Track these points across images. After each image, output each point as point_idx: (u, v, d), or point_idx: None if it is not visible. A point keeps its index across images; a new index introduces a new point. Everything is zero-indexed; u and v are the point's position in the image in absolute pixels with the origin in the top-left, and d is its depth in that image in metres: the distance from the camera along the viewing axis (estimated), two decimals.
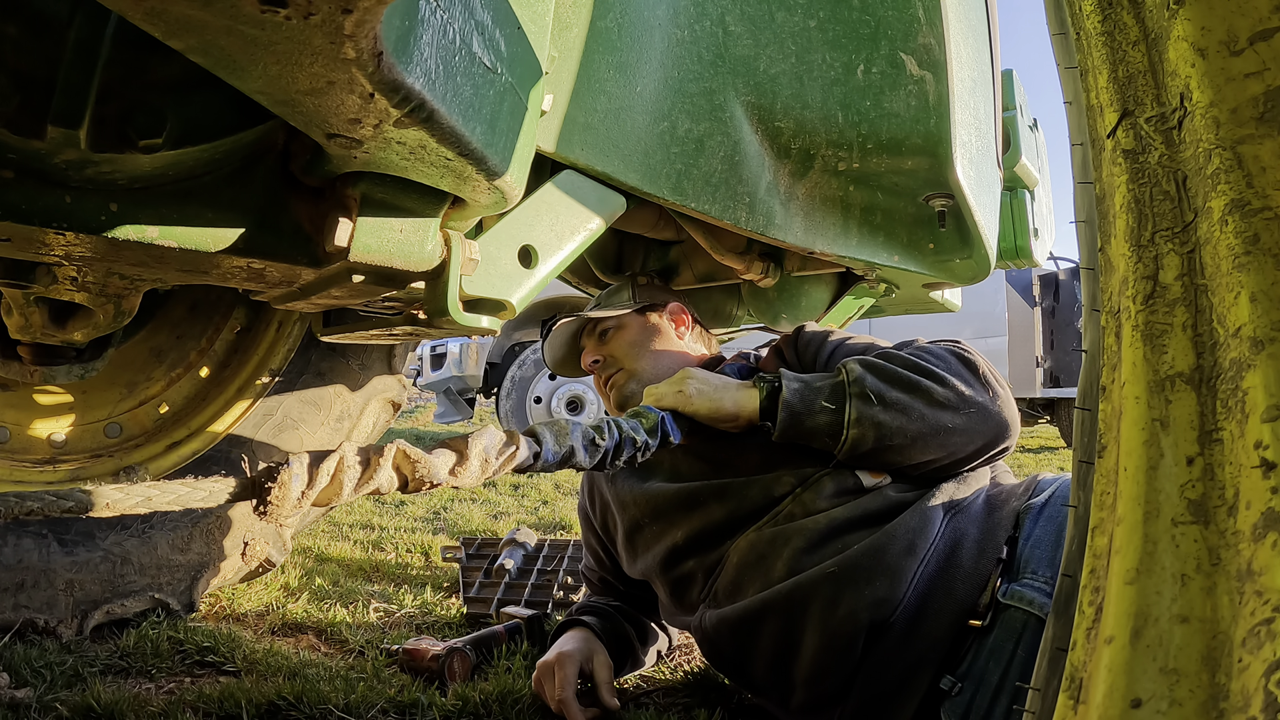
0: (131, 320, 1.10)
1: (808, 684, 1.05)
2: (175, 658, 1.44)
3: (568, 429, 0.93)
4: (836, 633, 1.01)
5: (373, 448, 0.75)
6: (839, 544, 1.07)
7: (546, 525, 2.94)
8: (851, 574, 1.02)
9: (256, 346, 1.75)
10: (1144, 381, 0.46)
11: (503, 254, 0.98)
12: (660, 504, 1.26)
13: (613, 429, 0.99)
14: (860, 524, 1.08)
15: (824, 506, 1.11)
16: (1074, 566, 0.51)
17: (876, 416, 1.07)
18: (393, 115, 0.56)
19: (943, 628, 0.99)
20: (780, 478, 1.16)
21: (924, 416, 1.07)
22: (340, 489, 0.72)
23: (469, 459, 0.80)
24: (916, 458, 1.09)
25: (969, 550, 1.03)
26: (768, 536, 1.12)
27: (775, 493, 1.15)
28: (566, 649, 1.29)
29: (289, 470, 0.67)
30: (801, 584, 1.05)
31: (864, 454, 1.10)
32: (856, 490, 1.13)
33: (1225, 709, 0.37)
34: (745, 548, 1.14)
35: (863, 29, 1.35)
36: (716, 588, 1.17)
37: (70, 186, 0.66)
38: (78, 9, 0.56)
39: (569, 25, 1.00)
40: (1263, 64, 0.43)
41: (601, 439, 0.96)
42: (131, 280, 1.01)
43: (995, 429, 1.09)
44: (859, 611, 1.00)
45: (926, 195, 1.47)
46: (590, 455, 0.95)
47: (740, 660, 1.13)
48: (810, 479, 1.14)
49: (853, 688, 1.02)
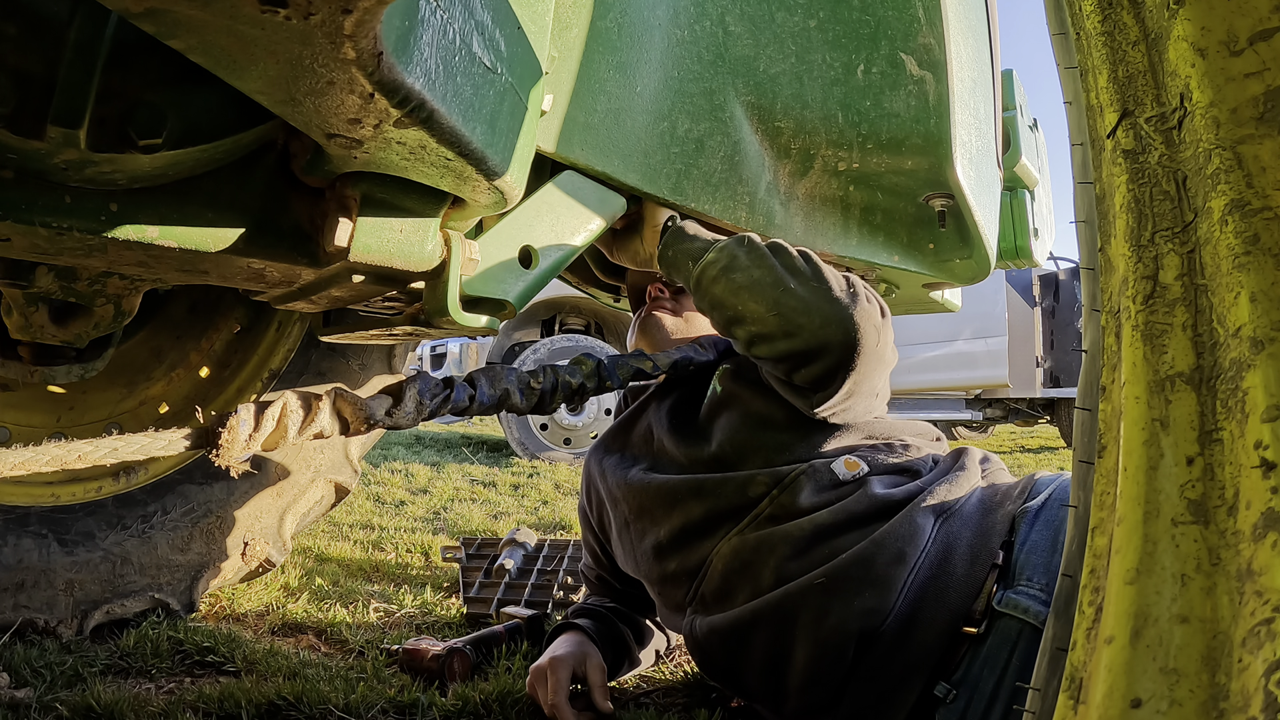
0: (131, 320, 1.10)
1: (799, 692, 1.04)
2: (175, 658, 1.44)
3: (503, 374, 0.96)
4: (826, 643, 1.00)
5: (313, 394, 0.80)
6: (826, 549, 1.06)
7: (546, 525, 2.94)
8: (840, 584, 1.02)
9: (256, 346, 1.75)
10: (1144, 381, 0.46)
11: (503, 254, 0.98)
12: (644, 500, 1.27)
13: (548, 373, 1.03)
14: (846, 527, 1.07)
15: (805, 509, 1.10)
16: (1074, 566, 0.51)
17: (734, 250, 1.14)
18: (393, 115, 0.56)
19: (935, 635, 0.98)
20: (754, 478, 1.15)
21: (773, 267, 1.11)
22: (285, 432, 0.77)
23: (404, 400, 0.85)
24: (749, 306, 1.11)
25: (962, 556, 1.02)
26: (752, 543, 1.11)
27: (750, 493, 1.15)
28: (560, 653, 1.29)
29: (237, 417, 0.73)
30: (791, 594, 1.04)
31: (710, 287, 1.14)
32: (834, 485, 1.12)
33: (1225, 709, 0.37)
34: (729, 554, 1.13)
35: (863, 29, 1.35)
36: (703, 592, 1.17)
37: (70, 186, 0.66)
38: (78, 9, 0.56)
39: (569, 25, 1.00)
40: (1263, 64, 0.43)
41: (537, 382, 1.00)
42: (131, 280, 1.01)
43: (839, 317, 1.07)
44: (848, 621, 0.99)
45: (926, 195, 1.47)
46: (526, 398, 0.98)
47: (731, 668, 1.13)
48: (785, 479, 1.14)
49: (845, 695, 1.02)
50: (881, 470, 1.15)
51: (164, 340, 1.71)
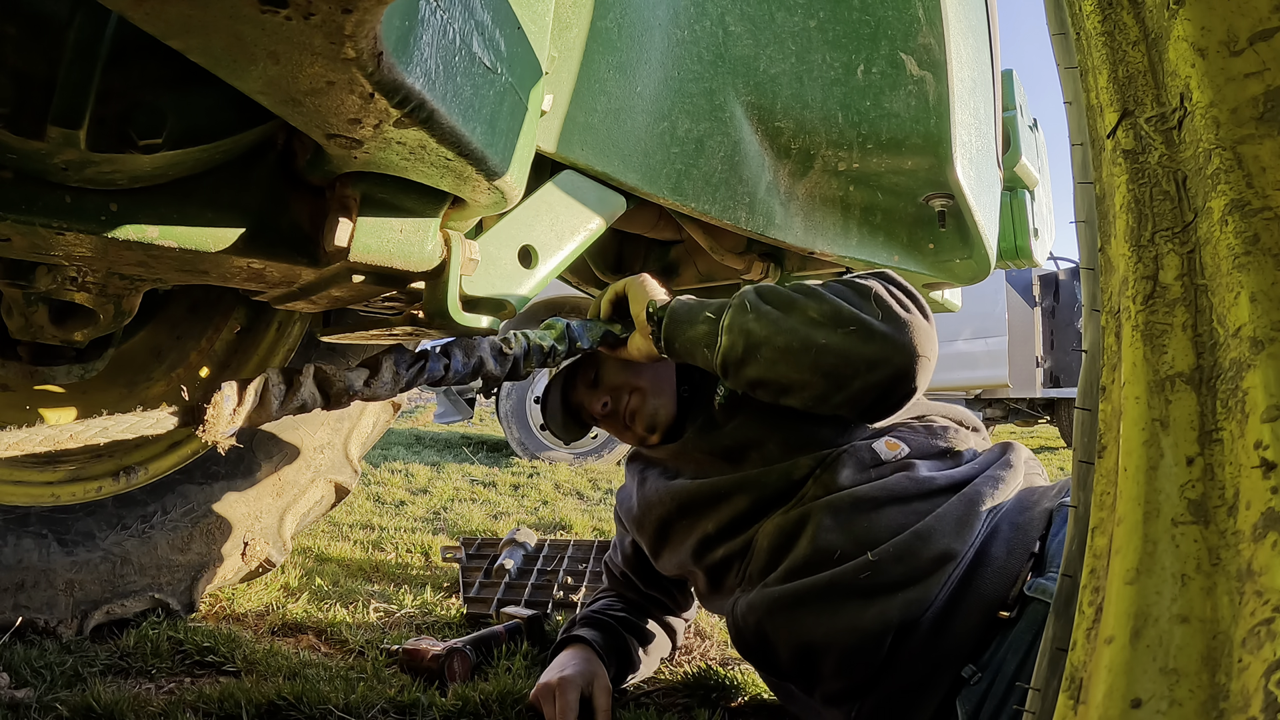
0: (131, 320, 1.10)
1: (833, 676, 1.06)
2: (175, 658, 1.44)
3: (476, 343, 0.97)
4: (866, 631, 1.02)
5: (294, 370, 0.83)
6: (864, 521, 1.07)
7: (546, 525, 2.94)
8: (884, 575, 1.03)
9: (256, 346, 1.75)
10: (1144, 381, 0.46)
11: (503, 254, 0.98)
12: (686, 500, 1.27)
13: (520, 338, 1.04)
14: (885, 502, 1.09)
15: (846, 485, 1.12)
16: (1074, 566, 0.51)
17: (748, 324, 1.07)
18: (393, 115, 0.56)
19: (972, 624, 0.99)
20: (798, 462, 1.17)
21: (794, 330, 1.05)
22: (269, 407, 0.79)
23: (381, 371, 0.87)
24: (791, 376, 1.05)
25: (1000, 548, 1.04)
26: (794, 518, 1.13)
27: (794, 476, 1.16)
28: (569, 674, 1.28)
29: (221, 393, 0.76)
30: (834, 580, 1.06)
31: (740, 371, 1.09)
32: (875, 464, 1.14)
33: (1225, 709, 0.37)
34: (773, 531, 1.15)
35: (863, 29, 1.35)
36: (750, 571, 1.18)
37: (70, 186, 0.66)
38: (78, 9, 0.56)
39: (569, 25, 1.00)
40: (1263, 64, 0.43)
41: (509, 349, 1.00)
42: (131, 280, 1.01)
43: (884, 351, 1.02)
44: (889, 612, 1.01)
45: (926, 195, 1.47)
46: (500, 364, 0.98)
47: (765, 648, 1.15)
48: (828, 459, 1.15)
49: (879, 680, 1.03)
50: (923, 454, 1.17)
51: (164, 340, 1.71)
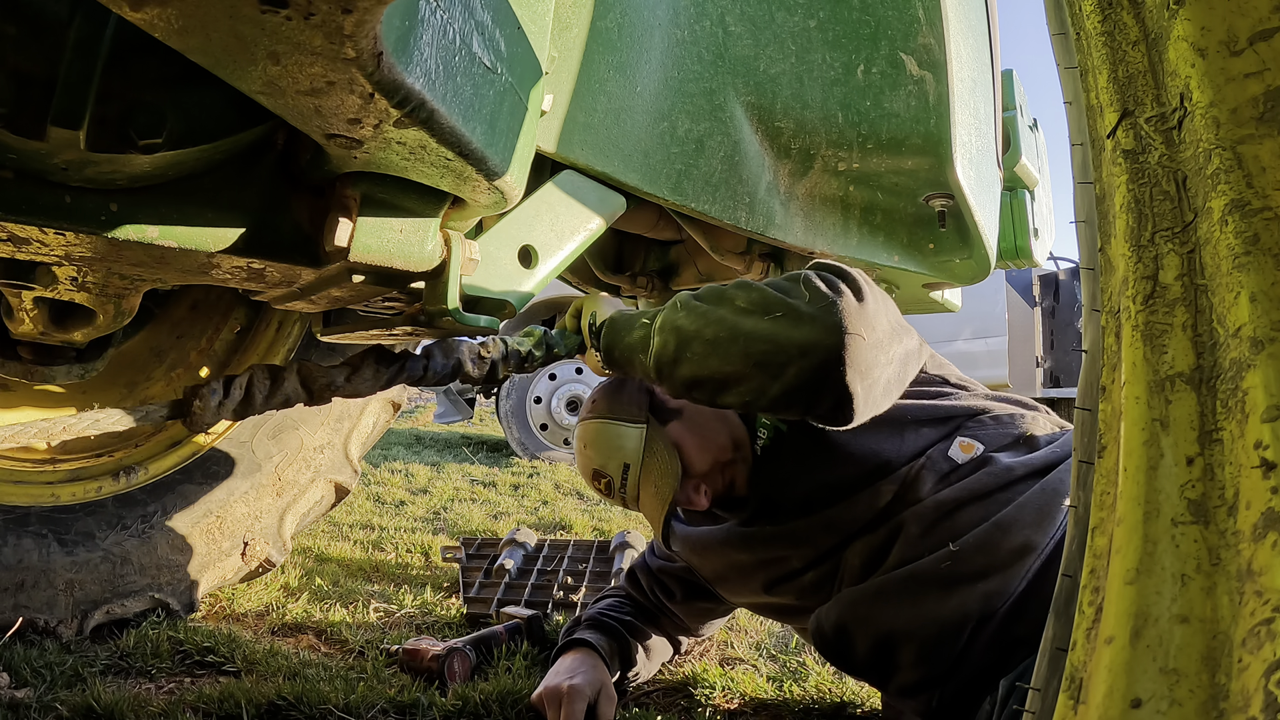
0: (131, 320, 1.10)
1: (911, 668, 1.08)
2: (175, 658, 1.45)
3: (455, 345, 1.00)
4: (946, 622, 1.04)
5: (278, 366, 0.86)
6: (947, 524, 1.09)
7: (546, 525, 2.94)
8: (965, 565, 1.04)
9: (256, 346, 1.75)
10: (1144, 381, 0.46)
11: (503, 254, 0.99)
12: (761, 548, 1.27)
13: (498, 343, 1.06)
14: (967, 501, 1.10)
15: (928, 494, 1.13)
16: (1074, 566, 0.51)
17: (678, 321, 1.01)
18: (393, 115, 0.56)
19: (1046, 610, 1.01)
20: (879, 489, 1.16)
21: (723, 320, 0.98)
22: (254, 401, 0.82)
23: (363, 369, 0.91)
24: (724, 370, 0.98)
25: None
26: (882, 535, 1.14)
27: (879, 504, 1.17)
28: (578, 682, 1.26)
29: (208, 388, 0.79)
30: (916, 575, 1.07)
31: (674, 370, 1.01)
32: (953, 469, 1.14)
33: (1225, 709, 0.37)
34: (862, 549, 1.16)
35: (863, 29, 1.35)
36: (840, 588, 1.19)
37: (70, 186, 0.66)
38: (78, 9, 0.56)
39: (569, 25, 1.00)
40: (1263, 64, 0.43)
41: (487, 352, 1.03)
42: (131, 280, 1.01)
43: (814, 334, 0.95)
44: (969, 603, 1.03)
45: (926, 195, 1.47)
46: (478, 366, 1.01)
47: (842, 645, 1.15)
48: (907, 478, 1.15)
49: (955, 671, 1.05)
50: (999, 446, 1.17)
51: (164, 340, 1.71)
